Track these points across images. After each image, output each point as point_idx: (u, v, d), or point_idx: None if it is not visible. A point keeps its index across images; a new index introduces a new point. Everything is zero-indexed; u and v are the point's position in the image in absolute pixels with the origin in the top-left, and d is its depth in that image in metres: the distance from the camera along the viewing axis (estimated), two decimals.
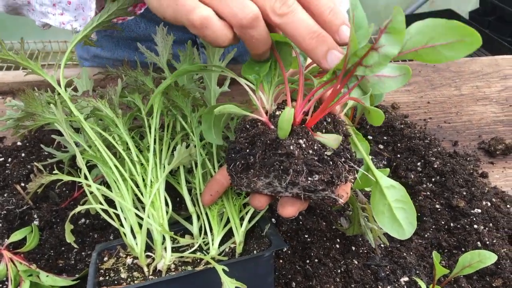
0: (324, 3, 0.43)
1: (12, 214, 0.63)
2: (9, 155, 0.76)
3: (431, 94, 1.01)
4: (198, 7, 0.43)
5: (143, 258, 0.51)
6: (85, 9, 0.64)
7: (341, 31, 0.43)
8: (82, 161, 0.52)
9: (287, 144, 0.42)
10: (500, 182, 0.79)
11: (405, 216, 0.48)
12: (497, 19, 2.44)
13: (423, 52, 0.40)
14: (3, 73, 1.05)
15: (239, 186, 0.45)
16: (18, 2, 0.71)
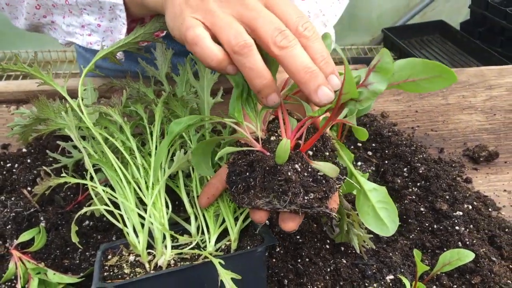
0: (319, 51, 0.48)
1: (20, 216, 0.67)
2: (15, 161, 0.80)
3: (419, 104, 1.06)
4: (195, 26, 0.48)
5: (145, 255, 0.55)
6: (114, 32, 0.69)
7: (330, 79, 0.47)
8: (89, 164, 0.55)
9: (285, 171, 0.47)
10: (483, 187, 0.83)
11: (387, 214, 0.52)
12: (487, 30, 2.50)
13: (404, 84, 0.46)
14: (6, 82, 1.09)
15: (240, 204, 0.50)
16: (42, 22, 0.75)
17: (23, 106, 1.04)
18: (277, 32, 0.47)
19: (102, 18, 0.69)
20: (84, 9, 0.68)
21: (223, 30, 0.48)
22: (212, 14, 0.49)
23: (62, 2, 0.68)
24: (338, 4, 0.85)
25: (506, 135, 0.96)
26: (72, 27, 0.73)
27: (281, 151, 0.47)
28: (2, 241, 0.65)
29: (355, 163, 0.82)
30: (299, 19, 0.50)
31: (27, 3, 0.73)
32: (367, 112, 0.95)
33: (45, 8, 0.73)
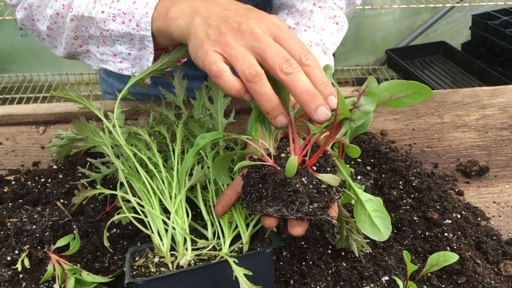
0: (319, 76, 0.57)
1: (56, 224, 0.75)
2: (48, 177, 0.89)
3: (416, 122, 1.14)
4: (218, 62, 0.58)
5: (168, 256, 0.63)
6: (142, 59, 0.78)
7: (329, 99, 0.56)
8: (123, 176, 0.64)
9: (294, 183, 0.56)
10: (474, 199, 0.90)
11: (382, 222, 0.60)
12: (487, 51, 2.58)
13: (389, 102, 0.55)
14: (36, 105, 1.19)
15: (253, 211, 0.58)
16: (78, 51, 0.85)
17: (50, 126, 1.13)
18: (283, 61, 0.56)
19: (132, 48, 0.77)
20: (117, 40, 0.77)
21: (238, 61, 0.57)
22: (230, 47, 0.58)
23: (98, 34, 0.77)
24: (337, 34, 0.94)
25: (497, 151, 1.03)
26: (105, 55, 0.81)
27: (290, 166, 0.55)
28: (41, 247, 0.73)
29: (355, 177, 0.90)
30: (302, 50, 0.58)
31: (66, 35, 0.81)
32: (366, 130, 1.03)
33: (82, 39, 0.82)
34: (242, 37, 0.59)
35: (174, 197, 0.65)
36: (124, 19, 0.74)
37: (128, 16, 0.73)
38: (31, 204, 0.82)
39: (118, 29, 0.75)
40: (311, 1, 0.95)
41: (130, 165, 0.70)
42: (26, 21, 0.88)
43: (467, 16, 2.74)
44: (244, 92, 0.58)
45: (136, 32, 0.73)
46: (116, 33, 0.76)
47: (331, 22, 0.95)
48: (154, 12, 0.71)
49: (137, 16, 0.72)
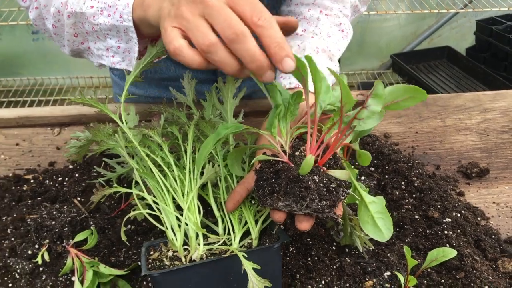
0: (272, 37, 0.57)
1: (74, 220, 0.79)
2: (65, 176, 0.93)
3: (419, 125, 1.17)
4: (174, 39, 0.59)
5: (182, 250, 0.66)
6: (130, 52, 0.80)
7: (284, 62, 0.56)
8: (138, 175, 0.68)
9: (307, 180, 0.59)
10: (474, 199, 0.93)
11: (383, 223, 0.62)
12: (491, 55, 2.61)
13: (391, 105, 0.58)
14: (51, 108, 1.23)
15: (264, 204, 0.62)
16: (81, 48, 0.88)
17: (65, 128, 1.18)
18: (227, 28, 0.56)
19: (120, 41, 0.79)
20: (107, 34, 0.79)
21: (193, 34, 0.58)
22: (185, 19, 0.59)
23: (91, 29, 0.80)
24: (342, 41, 0.98)
25: (497, 154, 1.06)
26: (100, 51, 0.84)
27: (305, 164, 0.59)
28: (60, 241, 0.77)
29: (359, 178, 0.93)
30: (253, 11, 0.57)
31: (66, 32, 0.84)
32: (370, 133, 1.06)
33: (82, 36, 0.84)
34: (195, 6, 0.59)
35: (187, 195, 0.69)
36: (109, 12, 0.76)
37: (112, 8, 0.75)
38: (49, 202, 0.86)
39: (105, 22, 0.77)
40: (318, 9, 0.99)
41: (144, 165, 0.74)
42: (38, 20, 0.92)
43: (472, 22, 2.77)
44: (207, 63, 0.59)
45: (120, 23, 0.75)
46: (104, 27, 0.78)
47: (337, 30, 0.98)
48: (134, 1, 0.73)
49: (120, 7, 0.74)
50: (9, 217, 0.84)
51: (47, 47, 2.73)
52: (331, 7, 1.00)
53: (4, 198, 0.90)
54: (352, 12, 1.06)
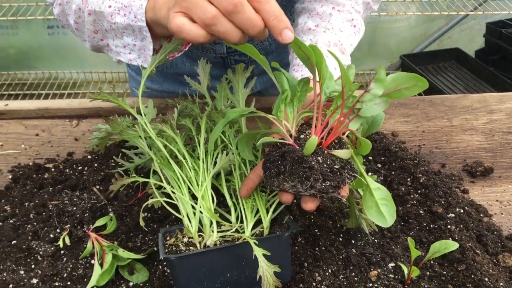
0: (270, 11, 0.60)
1: (94, 207, 0.83)
2: (85, 165, 0.98)
3: (426, 125, 1.20)
4: (175, 18, 0.63)
5: (196, 236, 0.70)
6: (145, 49, 0.84)
7: (284, 33, 0.60)
8: (157, 165, 0.72)
9: (310, 160, 0.62)
10: (478, 197, 0.96)
11: (387, 210, 0.65)
12: (501, 58, 2.62)
13: (393, 93, 0.61)
14: (70, 100, 1.27)
15: (271, 186, 0.65)
16: (100, 44, 0.92)
17: (83, 120, 1.22)
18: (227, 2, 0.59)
19: (136, 39, 0.83)
20: (124, 32, 0.83)
21: (193, 11, 0.61)
22: (184, 1, 0.62)
23: (109, 27, 0.85)
24: (354, 36, 1.01)
25: (502, 154, 1.09)
26: (118, 48, 0.88)
27: (309, 145, 0.61)
28: (80, 226, 0.81)
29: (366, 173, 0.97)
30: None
31: (87, 28, 0.89)
32: (378, 131, 1.10)
33: (101, 33, 0.89)
34: None
35: (201, 184, 0.72)
36: (125, 12, 0.80)
37: (128, 8, 0.79)
38: (70, 189, 0.90)
39: (121, 22, 0.81)
40: (331, 5, 1.02)
41: (162, 155, 0.78)
42: (61, 16, 0.97)
43: (481, 24, 2.78)
44: (210, 35, 0.62)
45: (135, 23, 0.79)
46: (121, 26, 0.82)
47: (349, 25, 1.01)
48: (147, 4, 0.77)
49: (135, 8, 0.78)
50: (32, 203, 0.88)
51: (62, 41, 2.79)
52: (344, 3, 1.03)
53: (26, 185, 0.95)
54: (364, 9, 1.09)
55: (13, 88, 2.88)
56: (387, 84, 0.61)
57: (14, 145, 1.12)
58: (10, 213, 0.86)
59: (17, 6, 2.30)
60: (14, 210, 0.87)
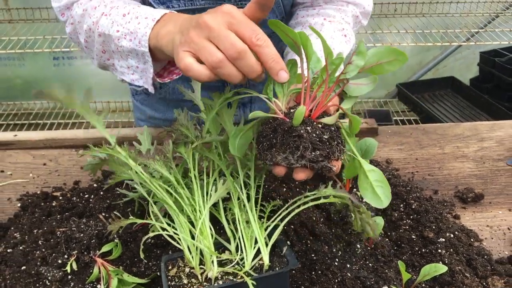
0: (269, 54, 0.67)
1: (101, 233, 0.87)
2: (91, 193, 1.02)
3: (419, 152, 1.25)
4: (184, 58, 0.69)
5: (198, 268, 0.73)
6: (146, 72, 0.92)
7: (280, 74, 0.67)
8: (155, 207, 0.76)
9: (299, 129, 0.65)
10: (469, 222, 1.00)
11: (382, 191, 0.67)
12: (495, 86, 2.69)
13: (375, 67, 0.66)
14: (75, 131, 1.33)
15: (264, 160, 0.68)
16: (107, 63, 1.00)
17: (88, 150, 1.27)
18: (230, 46, 0.66)
19: (139, 62, 0.91)
20: (128, 55, 0.92)
21: (201, 53, 0.68)
22: (194, 42, 0.69)
23: (115, 49, 0.93)
24: (345, 44, 1.07)
25: (492, 180, 1.13)
26: (123, 68, 0.96)
27: (298, 114, 0.65)
28: (87, 252, 0.85)
29: (361, 199, 1.00)
30: (253, 32, 0.67)
31: (96, 48, 0.98)
32: (372, 159, 1.14)
33: (108, 53, 0.97)
34: (201, 31, 0.68)
35: (199, 219, 0.76)
36: (131, 37, 0.88)
37: (133, 34, 0.88)
38: (77, 216, 0.94)
39: (127, 46, 0.89)
40: (322, 17, 1.10)
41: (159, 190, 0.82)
42: (72, 34, 1.06)
43: (475, 53, 2.86)
44: (214, 75, 0.69)
45: (139, 48, 0.87)
46: (126, 49, 0.90)
47: (340, 34, 1.08)
48: (151, 32, 0.85)
49: (139, 35, 0.87)
50: (40, 230, 0.92)
51: (67, 72, 2.87)
52: (334, 15, 1.11)
53: (35, 213, 0.99)
54: (354, 23, 1.16)
55: (19, 117, 2.95)
56: (369, 58, 0.66)
57: (22, 174, 1.16)
58: (19, 240, 0.90)
59: (24, 40, 2.38)
60: (24, 237, 0.91)
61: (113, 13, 0.93)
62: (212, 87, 1.22)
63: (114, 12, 0.93)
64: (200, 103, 0.90)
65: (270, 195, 0.96)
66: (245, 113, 1.33)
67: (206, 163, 0.86)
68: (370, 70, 0.67)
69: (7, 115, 2.96)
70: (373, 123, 1.31)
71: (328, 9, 1.13)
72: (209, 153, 0.83)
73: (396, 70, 0.66)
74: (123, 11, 0.91)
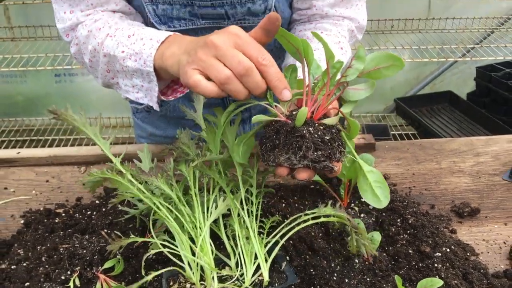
0: (274, 73, 0.70)
1: (103, 250, 0.89)
2: (93, 210, 1.04)
3: (416, 168, 1.27)
4: (193, 75, 0.73)
5: (199, 284, 0.75)
6: (151, 91, 0.95)
7: (283, 93, 0.70)
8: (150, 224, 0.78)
9: (301, 130, 0.68)
10: (465, 237, 1.01)
11: (381, 192, 0.69)
12: (491, 101, 2.72)
13: (373, 72, 0.69)
14: (78, 148, 1.34)
15: (267, 161, 0.71)
16: (111, 82, 1.03)
17: (91, 166, 1.29)
18: (237, 64, 0.70)
19: (144, 81, 0.95)
20: (133, 74, 0.95)
21: (210, 70, 0.72)
22: (201, 60, 0.72)
23: (120, 69, 0.96)
24: (341, 56, 1.09)
25: (488, 195, 1.15)
26: (127, 87, 0.99)
27: (300, 115, 0.67)
28: (89, 268, 0.86)
29: (359, 215, 1.02)
30: (259, 52, 0.71)
31: (101, 67, 1.01)
32: None
33: (113, 72, 1.01)
34: (208, 50, 0.72)
35: (199, 235, 0.78)
36: (136, 58, 0.92)
37: (139, 55, 0.91)
38: (80, 233, 0.96)
39: (132, 66, 0.93)
40: (319, 31, 1.14)
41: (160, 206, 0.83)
42: (77, 54, 1.09)
43: (472, 68, 2.89)
44: (221, 92, 0.72)
45: (144, 68, 0.91)
46: (131, 69, 0.93)
47: (337, 47, 1.11)
48: (156, 53, 0.88)
49: (144, 55, 0.90)
50: (43, 246, 0.94)
51: (68, 89, 2.90)
52: (330, 29, 1.14)
53: (38, 229, 1.00)
54: (349, 37, 1.19)
55: (21, 134, 2.97)
56: (367, 63, 0.69)
57: (25, 191, 1.18)
58: (23, 256, 0.92)
59: (27, 57, 2.42)
60: (27, 253, 0.92)
61: (118, 34, 0.96)
62: (212, 105, 1.25)
63: (119, 34, 0.96)
64: (201, 122, 0.93)
65: (270, 211, 0.98)
66: (244, 129, 1.35)
67: (206, 179, 0.88)
68: (368, 75, 0.70)
69: (9, 131, 2.98)
70: (371, 138, 1.33)
71: (325, 24, 1.16)
72: (209, 171, 0.85)
73: (393, 85, 0.70)
74: (128, 33, 0.95)
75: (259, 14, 1.08)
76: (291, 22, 1.23)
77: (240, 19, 1.09)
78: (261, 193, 0.89)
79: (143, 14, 1.10)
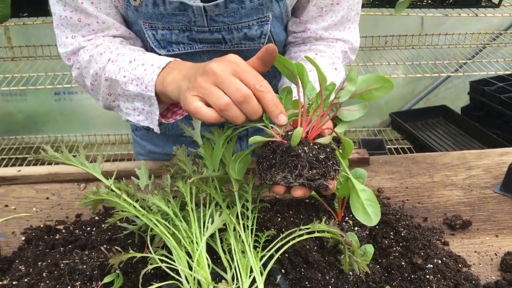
0: (270, 99, 0.74)
1: (103, 265, 0.91)
2: (93, 226, 1.06)
3: (409, 181, 1.29)
4: (193, 102, 0.76)
5: None
6: (152, 114, 0.98)
7: (279, 117, 0.74)
8: (148, 238, 0.81)
9: (297, 149, 0.71)
10: (458, 248, 1.03)
11: (372, 210, 0.72)
12: (485, 114, 2.75)
13: (364, 94, 0.72)
14: None
15: (264, 180, 0.73)
16: (112, 105, 1.06)
17: (90, 184, 1.31)
18: (235, 91, 0.73)
19: (145, 105, 0.98)
20: (135, 98, 0.98)
21: (209, 97, 0.75)
22: (201, 87, 0.75)
23: (122, 93, 0.99)
24: (335, 77, 1.13)
25: (480, 207, 1.17)
26: (128, 110, 1.02)
27: (295, 135, 0.70)
28: (89, 283, 0.88)
29: (353, 228, 1.05)
30: (256, 79, 0.74)
31: (102, 91, 1.04)
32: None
33: (114, 95, 1.03)
34: (208, 77, 0.75)
35: (196, 249, 0.80)
36: (138, 83, 0.95)
37: (140, 80, 0.94)
38: (80, 249, 0.98)
39: (133, 90, 0.96)
40: (313, 52, 1.17)
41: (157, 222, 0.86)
42: (78, 78, 1.12)
43: (465, 82, 2.94)
44: (221, 117, 0.75)
45: (145, 93, 0.94)
46: (133, 93, 0.96)
47: (331, 68, 1.15)
48: (157, 78, 0.92)
49: (146, 80, 0.93)
50: (44, 262, 0.96)
51: (68, 106, 2.94)
52: (325, 50, 1.17)
53: (38, 246, 1.02)
54: (343, 58, 1.23)
55: (21, 151, 3.00)
56: (359, 85, 0.72)
57: (26, 208, 1.20)
58: (24, 272, 0.93)
59: (27, 77, 2.45)
60: (28, 269, 0.94)
61: (120, 59, 0.99)
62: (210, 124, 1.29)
63: (120, 59, 0.99)
64: (199, 139, 0.96)
65: (265, 225, 1.00)
66: (241, 146, 1.38)
67: (203, 194, 0.90)
68: (360, 96, 0.73)
69: (9, 149, 3.01)
70: (365, 153, 1.36)
71: (319, 45, 1.20)
72: (206, 187, 0.88)
73: (388, 100, 0.73)
74: (129, 58, 0.98)
75: (255, 38, 1.12)
76: (286, 44, 1.27)
77: (237, 43, 1.12)
78: (257, 207, 0.91)
79: (142, 39, 1.13)
